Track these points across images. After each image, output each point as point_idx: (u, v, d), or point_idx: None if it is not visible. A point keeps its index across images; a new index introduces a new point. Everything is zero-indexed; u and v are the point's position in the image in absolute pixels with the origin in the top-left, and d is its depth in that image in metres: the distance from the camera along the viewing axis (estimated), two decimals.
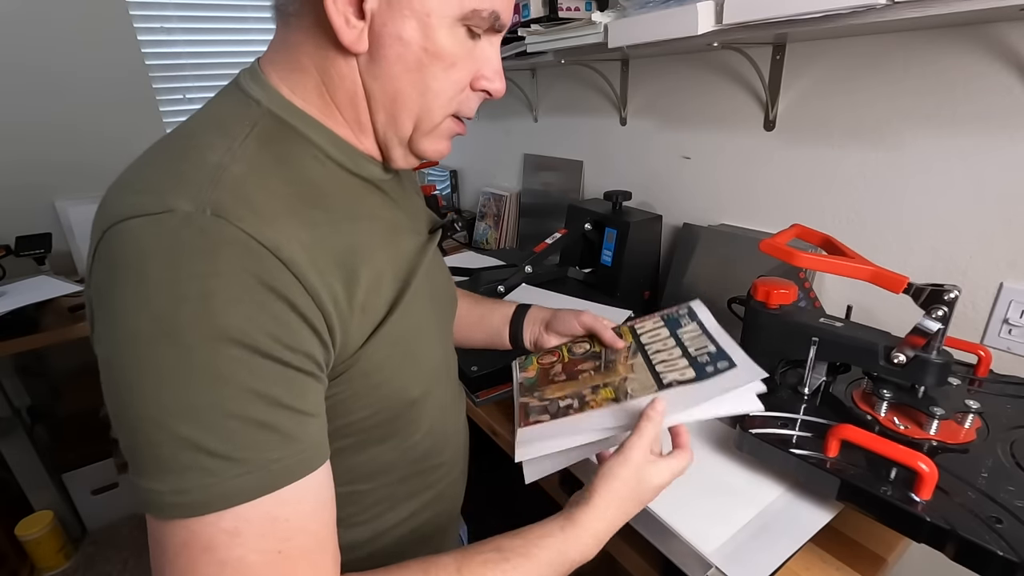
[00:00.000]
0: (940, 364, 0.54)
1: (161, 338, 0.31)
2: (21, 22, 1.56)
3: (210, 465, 0.32)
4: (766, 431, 0.58)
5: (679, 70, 1.10)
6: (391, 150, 0.47)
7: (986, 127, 0.71)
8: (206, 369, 0.32)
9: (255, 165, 0.38)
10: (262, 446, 0.33)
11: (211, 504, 0.32)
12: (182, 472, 0.31)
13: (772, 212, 0.99)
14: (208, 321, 0.32)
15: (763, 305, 0.67)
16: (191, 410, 0.32)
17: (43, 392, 1.77)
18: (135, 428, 0.32)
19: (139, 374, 0.32)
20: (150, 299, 0.32)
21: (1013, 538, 0.42)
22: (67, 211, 1.59)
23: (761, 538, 0.54)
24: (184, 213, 0.33)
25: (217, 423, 0.32)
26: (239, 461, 0.32)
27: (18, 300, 1.27)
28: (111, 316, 0.33)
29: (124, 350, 0.32)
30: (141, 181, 0.37)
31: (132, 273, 0.32)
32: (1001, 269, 0.73)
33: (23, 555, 1.54)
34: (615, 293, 1.11)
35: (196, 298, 0.32)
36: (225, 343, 0.32)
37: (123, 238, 0.33)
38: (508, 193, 1.68)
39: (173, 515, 0.32)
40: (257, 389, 0.33)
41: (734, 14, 0.70)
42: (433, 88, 0.43)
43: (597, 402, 0.57)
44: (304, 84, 0.43)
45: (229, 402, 0.32)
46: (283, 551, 0.34)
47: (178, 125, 0.42)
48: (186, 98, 1.87)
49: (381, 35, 0.40)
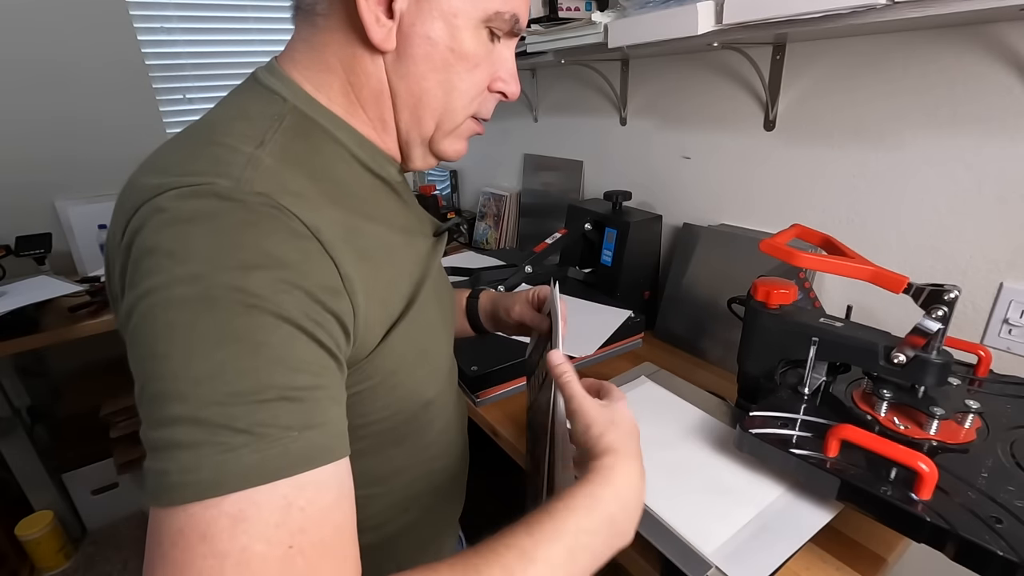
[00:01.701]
0: (940, 364, 0.54)
1: (196, 303, 0.30)
2: (20, 22, 1.56)
3: (227, 439, 0.29)
4: (766, 431, 0.58)
5: (679, 70, 1.10)
6: (412, 150, 0.48)
7: (986, 127, 0.71)
8: (240, 336, 0.30)
9: (285, 159, 0.38)
10: (285, 422, 0.31)
11: (220, 484, 0.28)
12: (197, 447, 0.29)
13: (772, 212, 0.99)
14: (245, 288, 0.31)
15: (763, 305, 0.67)
16: (217, 378, 0.29)
17: (43, 392, 1.77)
18: (157, 398, 0.30)
19: (169, 340, 0.30)
20: (188, 265, 0.31)
21: (1013, 538, 0.42)
22: (67, 211, 1.59)
23: (761, 538, 0.54)
24: (226, 186, 0.33)
25: (244, 394, 0.30)
26: (258, 436, 0.29)
27: (18, 300, 1.26)
28: (144, 284, 0.31)
29: (153, 317, 0.30)
30: (174, 164, 0.36)
31: (171, 241, 0.31)
32: (1001, 269, 0.73)
33: (23, 555, 1.54)
34: (615, 293, 1.11)
35: (236, 267, 0.31)
36: (261, 312, 0.31)
37: (161, 209, 0.32)
38: (508, 193, 1.68)
39: (175, 500, 0.28)
40: (287, 361, 0.32)
41: (734, 14, 0.70)
42: (459, 88, 0.45)
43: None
44: (329, 83, 0.43)
45: (259, 371, 0.30)
46: (295, 545, 0.29)
47: (199, 119, 0.42)
48: (186, 98, 1.87)
49: (409, 35, 0.41)
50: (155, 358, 0.30)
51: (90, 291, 1.41)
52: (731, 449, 0.64)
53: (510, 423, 0.82)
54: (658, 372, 0.88)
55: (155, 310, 0.31)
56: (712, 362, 1.01)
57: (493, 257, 1.45)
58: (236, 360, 0.30)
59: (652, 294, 1.18)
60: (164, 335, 0.30)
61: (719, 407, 0.76)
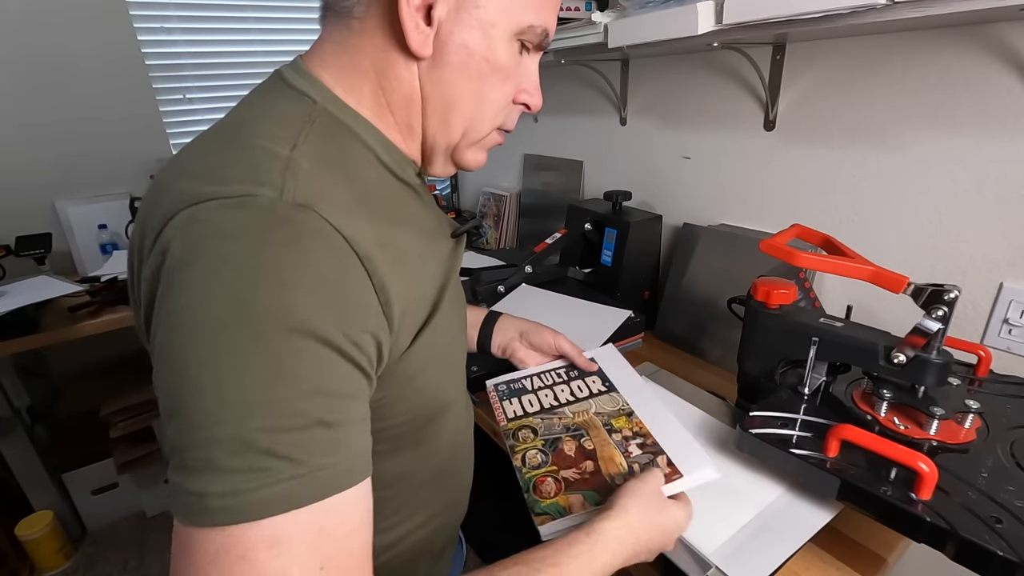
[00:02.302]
0: (940, 364, 0.54)
1: (233, 324, 0.30)
2: (20, 22, 1.56)
3: (265, 465, 0.29)
4: (766, 431, 0.58)
5: (679, 70, 1.10)
6: (434, 156, 0.48)
7: (986, 127, 0.71)
8: (277, 360, 0.30)
9: (320, 161, 0.37)
10: (319, 448, 0.31)
11: (258, 509, 0.29)
12: (235, 473, 0.29)
13: (772, 212, 0.99)
14: (285, 310, 0.30)
15: (763, 305, 0.67)
16: (257, 404, 0.29)
17: (43, 392, 1.77)
18: (190, 422, 0.29)
19: (204, 361, 0.29)
20: (227, 282, 0.30)
21: (1013, 538, 0.42)
22: (67, 211, 1.59)
23: (761, 538, 0.54)
24: (267, 199, 0.33)
25: (281, 420, 0.30)
26: (295, 462, 0.30)
27: (18, 300, 1.26)
28: (179, 300, 0.31)
29: (190, 335, 0.30)
30: (210, 169, 0.35)
31: (209, 256, 0.31)
32: (1001, 269, 0.73)
33: (23, 555, 1.54)
34: (615, 293, 1.11)
35: (276, 286, 0.31)
36: (299, 335, 0.31)
37: (199, 220, 0.32)
38: (508, 193, 1.68)
39: (215, 521, 0.29)
40: (324, 386, 0.32)
41: (734, 14, 0.70)
42: (489, 98, 0.45)
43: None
44: (360, 86, 0.43)
45: (296, 398, 0.30)
46: (326, 568, 0.30)
47: (225, 118, 0.41)
48: (186, 98, 1.87)
49: (447, 43, 0.41)
50: (191, 379, 0.30)
51: (90, 291, 1.41)
52: (731, 449, 0.64)
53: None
54: (658, 372, 0.88)
55: (191, 328, 0.30)
56: (712, 362, 1.01)
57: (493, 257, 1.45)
58: (277, 386, 0.30)
59: (652, 294, 1.18)
60: (201, 356, 0.30)
61: (719, 407, 0.76)
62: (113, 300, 1.40)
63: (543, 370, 0.75)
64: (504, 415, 0.67)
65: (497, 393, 0.71)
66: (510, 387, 0.72)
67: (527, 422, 0.65)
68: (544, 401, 0.69)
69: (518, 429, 0.64)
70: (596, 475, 0.56)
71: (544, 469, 0.58)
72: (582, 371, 0.74)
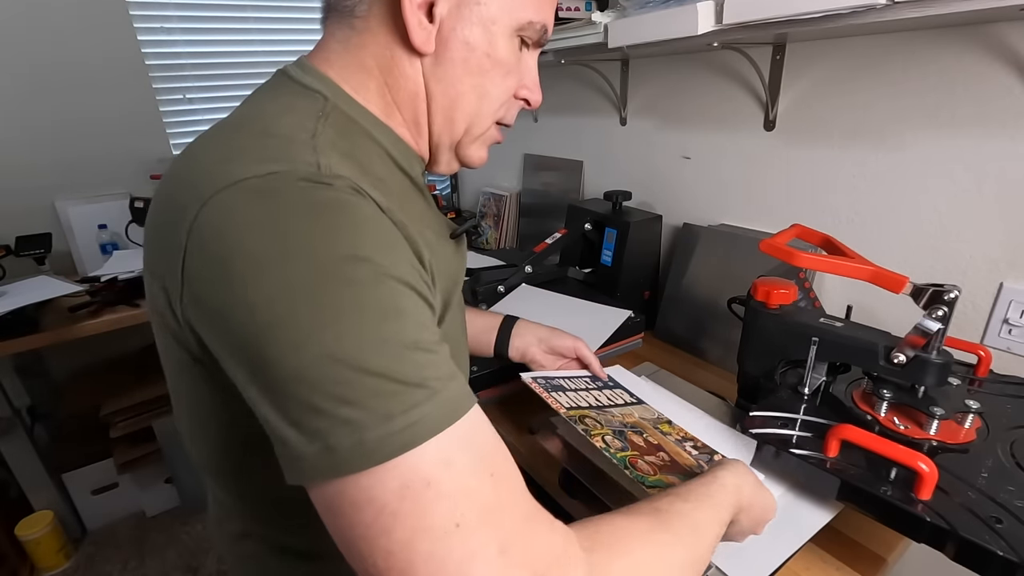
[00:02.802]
0: (940, 364, 0.54)
1: (327, 279, 0.30)
2: (20, 22, 1.56)
3: (407, 396, 0.30)
4: (766, 431, 0.58)
5: (679, 70, 1.10)
6: (440, 154, 0.49)
7: (986, 127, 0.71)
8: (382, 302, 0.31)
9: (336, 151, 0.37)
10: (440, 371, 0.32)
11: (419, 435, 0.30)
12: (383, 407, 0.29)
13: (772, 212, 0.99)
14: (365, 257, 0.32)
15: (763, 305, 0.67)
16: (380, 343, 0.30)
17: (43, 392, 1.77)
18: (320, 378, 0.29)
19: (314, 319, 0.30)
20: (301, 245, 0.31)
21: (1013, 538, 0.42)
22: (67, 211, 1.59)
23: (761, 538, 0.54)
24: (310, 171, 0.33)
25: (404, 353, 0.31)
26: (428, 388, 0.31)
27: (18, 300, 1.26)
28: (259, 277, 0.30)
29: (288, 301, 0.30)
30: (239, 152, 0.35)
31: (273, 226, 0.31)
32: (1001, 269, 0.73)
33: (23, 555, 1.54)
34: (615, 293, 1.11)
35: (348, 240, 0.32)
36: (386, 277, 0.32)
37: (249, 195, 0.32)
38: (508, 193, 1.68)
39: (387, 454, 0.29)
40: (420, 320, 0.33)
41: (734, 14, 0.70)
42: (491, 93, 0.46)
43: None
44: (367, 84, 0.44)
45: (408, 331, 0.32)
46: (495, 474, 0.32)
47: (236, 115, 0.41)
48: (186, 98, 1.87)
49: (448, 39, 0.42)
50: (307, 341, 0.30)
51: (90, 291, 1.41)
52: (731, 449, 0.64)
53: (509, 422, 0.83)
54: (658, 372, 0.88)
55: (288, 297, 0.30)
56: (712, 362, 1.01)
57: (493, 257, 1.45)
58: (391, 322, 0.31)
59: (652, 294, 1.18)
60: (304, 316, 0.30)
61: (719, 407, 0.76)
62: (113, 300, 1.40)
63: (571, 375, 0.75)
64: (559, 404, 0.65)
65: (540, 385, 0.69)
66: (548, 382, 0.71)
67: (586, 412, 0.65)
68: (589, 400, 0.69)
69: (581, 416, 0.63)
70: (676, 464, 0.57)
71: (629, 452, 0.58)
72: (604, 383, 0.75)
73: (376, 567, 0.29)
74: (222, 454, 0.43)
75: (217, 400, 0.39)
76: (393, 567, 0.29)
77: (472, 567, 0.29)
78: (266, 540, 0.48)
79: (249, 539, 0.49)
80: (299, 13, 1.97)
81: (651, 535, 0.39)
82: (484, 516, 0.30)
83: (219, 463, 0.45)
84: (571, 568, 0.32)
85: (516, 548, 0.30)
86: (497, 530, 0.30)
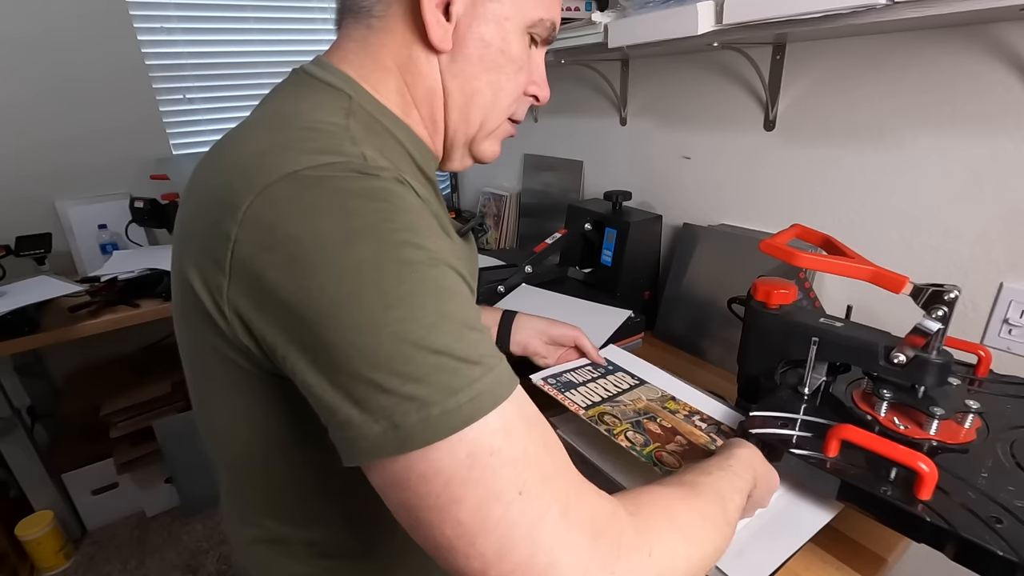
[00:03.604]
0: (940, 364, 0.54)
1: (390, 262, 0.31)
2: (20, 22, 1.56)
3: (468, 371, 0.32)
4: (766, 431, 0.58)
5: (679, 70, 1.10)
6: (454, 150, 0.50)
7: (986, 127, 0.71)
8: (440, 284, 0.33)
9: (371, 146, 0.38)
10: (493, 350, 0.34)
11: (482, 407, 0.31)
12: (447, 383, 0.31)
13: (772, 212, 0.99)
14: (420, 244, 0.33)
15: (763, 305, 0.67)
16: (441, 322, 0.32)
17: (43, 392, 1.77)
18: (387, 357, 0.30)
19: (379, 300, 0.31)
20: (362, 228, 0.32)
21: (1013, 538, 0.42)
22: (67, 211, 1.59)
23: (761, 538, 0.54)
24: (358, 163, 0.35)
25: (462, 331, 0.32)
26: (484, 364, 0.33)
27: (18, 300, 1.26)
28: (317, 259, 0.31)
29: (354, 284, 0.31)
30: (282, 146, 0.36)
31: (333, 212, 0.32)
32: (1001, 269, 0.73)
33: (23, 555, 1.54)
34: (615, 293, 1.11)
35: (404, 226, 0.33)
36: (439, 262, 0.34)
37: (305, 185, 0.33)
38: (508, 193, 1.68)
39: (449, 430, 0.30)
40: (470, 303, 0.35)
41: (734, 14, 0.70)
42: (505, 89, 0.48)
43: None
44: (386, 83, 0.44)
45: (461, 310, 0.33)
46: (547, 445, 0.34)
47: (264, 111, 0.42)
48: (186, 98, 1.87)
49: (464, 36, 0.44)
50: (370, 320, 0.31)
51: (90, 291, 1.41)
52: None
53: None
54: None
55: (357, 283, 0.31)
56: (712, 362, 1.01)
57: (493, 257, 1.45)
58: (449, 302, 0.33)
59: (652, 294, 1.18)
60: (368, 296, 0.31)
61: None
62: (113, 300, 1.40)
63: (575, 367, 0.77)
64: (576, 405, 0.67)
65: (552, 386, 0.71)
66: (559, 380, 0.73)
67: (603, 409, 0.67)
68: (599, 392, 0.71)
69: (600, 415, 0.65)
70: (694, 447, 0.60)
71: (653, 446, 0.60)
72: (606, 369, 0.78)
73: (444, 536, 0.31)
74: (252, 452, 0.44)
75: (256, 396, 0.39)
76: (463, 535, 0.30)
77: (541, 529, 0.31)
78: (286, 539, 0.48)
79: (269, 538, 0.49)
80: (299, 13, 1.97)
81: (685, 501, 0.41)
82: (545, 481, 0.32)
83: (248, 461, 0.45)
84: (623, 527, 0.34)
85: (575, 510, 0.32)
86: (557, 494, 0.32)
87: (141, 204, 1.55)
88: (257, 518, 0.49)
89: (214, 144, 0.42)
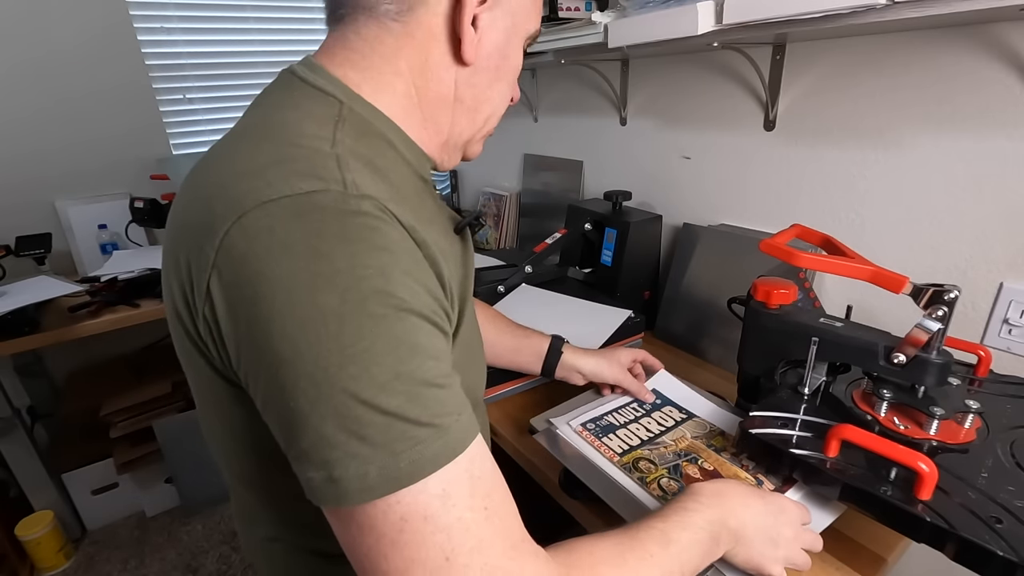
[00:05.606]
0: (940, 364, 0.54)
1: (353, 313, 0.31)
2: (20, 22, 1.56)
3: (414, 433, 0.32)
4: (766, 431, 0.58)
5: (679, 70, 1.10)
6: (451, 152, 0.51)
7: (986, 127, 0.71)
8: (402, 340, 0.32)
9: (356, 159, 0.37)
10: (448, 408, 0.34)
11: (421, 471, 0.31)
12: (390, 445, 0.31)
13: (772, 212, 0.99)
14: (391, 292, 0.32)
15: (763, 305, 0.67)
16: (396, 382, 0.31)
17: (43, 392, 1.77)
18: (334, 412, 0.31)
19: (335, 354, 0.31)
20: (331, 275, 0.31)
21: (1013, 538, 0.42)
22: (67, 211, 1.59)
23: None
24: (337, 191, 0.33)
25: (415, 390, 0.32)
26: (435, 426, 0.32)
27: (18, 300, 1.26)
28: (279, 302, 0.31)
29: (312, 334, 0.31)
30: (265, 167, 0.35)
31: (303, 251, 0.31)
32: (1001, 269, 0.73)
33: (23, 555, 1.54)
34: (615, 293, 1.11)
35: (376, 272, 0.32)
36: (407, 313, 0.33)
37: (280, 217, 0.32)
38: (508, 193, 1.68)
39: (391, 488, 0.31)
40: (434, 354, 0.34)
41: (734, 14, 0.70)
42: (506, 95, 0.50)
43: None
44: (393, 84, 0.44)
45: (420, 368, 0.33)
46: (489, 507, 0.34)
47: (253, 119, 0.41)
48: (186, 98, 1.87)
49: (485, 48, 0.45)
50: (323, 372, 0.31)
51: (90, 291, 1.41)
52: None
53: (509, 422, 0.82)
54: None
55: (305, 327, 0.31)
56: (712, 362, 1.01)
57: (493, 257, 1.45)
58: (408, 361, 0.32)
59: (652, 294, 1.18)
60: (328, 349, 0.31)
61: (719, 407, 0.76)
62: (113, 300, 1.40)
63: (617, 406, 0.75)
64: (611, 451, 0.65)
65: (590, 432, 0.69)
66: (597, 424, 0.70)
67: (639, 454, 0.64)
68: (640, 434, 0.69)
69: (635, 461, 0.63)
70: None
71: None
72: (653, 405, 0.75)
73: None
74: (248, 464, 0.44)
75: (245, 411, 0.39)
76: None
77: None
78: (294, 543, 0.49)
79: (277, 542, 0.49)
80: (299, 13, 1.97)
81: (620, 553, 0.41)
82: (475, 551, 0.32)
83: (244, 471, 0.45)
84: None
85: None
86: (486, 563, 0.32)
87: (141, 204, 1.55)
88: (261, 520, 0.49)
89: (203, 155, 0.41)
